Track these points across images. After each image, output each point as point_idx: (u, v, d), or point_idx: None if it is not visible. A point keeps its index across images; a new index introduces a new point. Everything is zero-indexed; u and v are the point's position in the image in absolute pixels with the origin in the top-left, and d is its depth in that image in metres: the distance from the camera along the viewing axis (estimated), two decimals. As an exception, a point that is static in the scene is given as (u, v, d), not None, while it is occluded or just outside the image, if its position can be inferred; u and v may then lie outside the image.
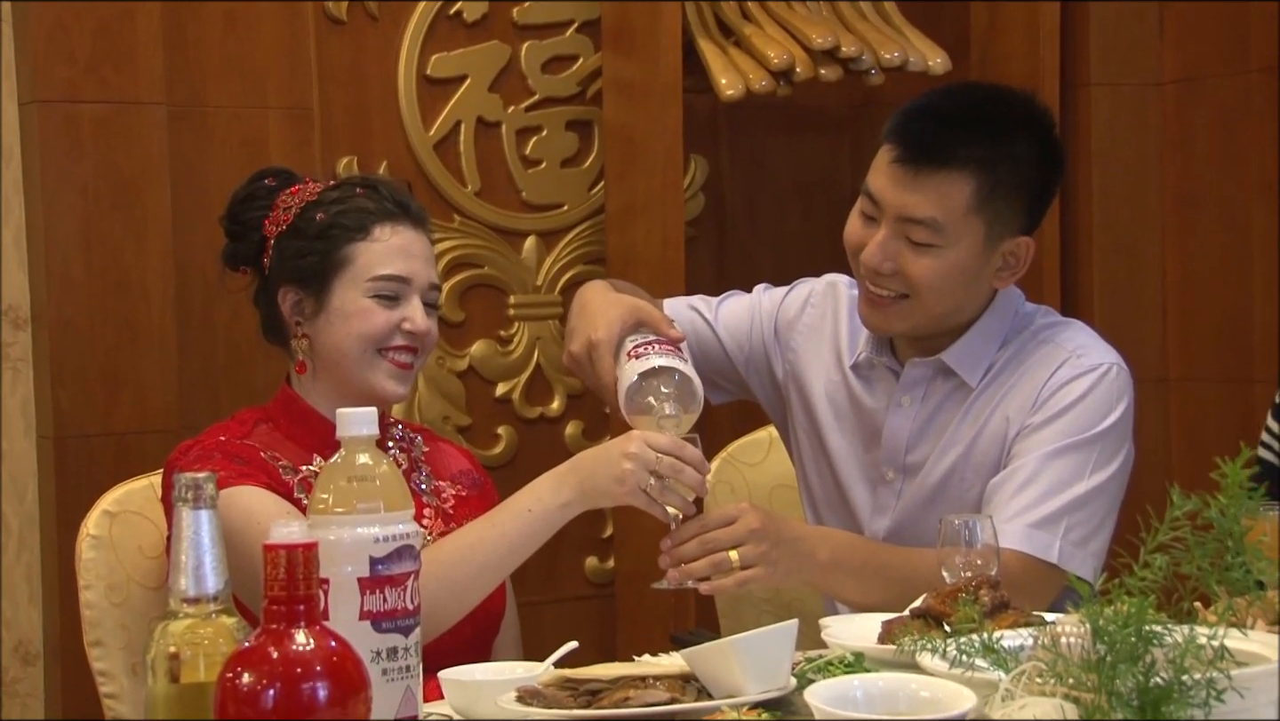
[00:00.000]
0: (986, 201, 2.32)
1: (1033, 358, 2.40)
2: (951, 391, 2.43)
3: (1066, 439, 2.33)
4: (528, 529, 2.14)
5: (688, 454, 2.13)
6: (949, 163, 2.30)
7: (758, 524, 2.17)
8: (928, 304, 2.35)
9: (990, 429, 2.39)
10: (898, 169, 2.32)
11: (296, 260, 2.33)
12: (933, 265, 2.32)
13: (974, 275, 2.36)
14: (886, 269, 2.34)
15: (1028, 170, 2.36)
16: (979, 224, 2.32)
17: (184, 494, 1.50)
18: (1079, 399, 2.35)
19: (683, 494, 2.13)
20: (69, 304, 2.97)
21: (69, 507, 2.84)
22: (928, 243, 2.31)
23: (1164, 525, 1.51)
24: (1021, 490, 2.31)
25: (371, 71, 3.32)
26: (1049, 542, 2.28)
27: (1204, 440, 3.50)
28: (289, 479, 2.26)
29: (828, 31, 3.36)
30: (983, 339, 2.41)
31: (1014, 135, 2.36)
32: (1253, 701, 1.43)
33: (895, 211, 2.32)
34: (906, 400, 2.45)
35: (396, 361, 2.32)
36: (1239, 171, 3.47)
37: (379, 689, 1.52)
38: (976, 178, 2.31)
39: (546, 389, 3.49)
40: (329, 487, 1.64)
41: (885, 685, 1.57)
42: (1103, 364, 2.38)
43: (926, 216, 2.30)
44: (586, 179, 3.52)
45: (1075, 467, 2.32)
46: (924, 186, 2.30)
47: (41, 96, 2.95)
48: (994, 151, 2.32)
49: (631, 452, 2.11)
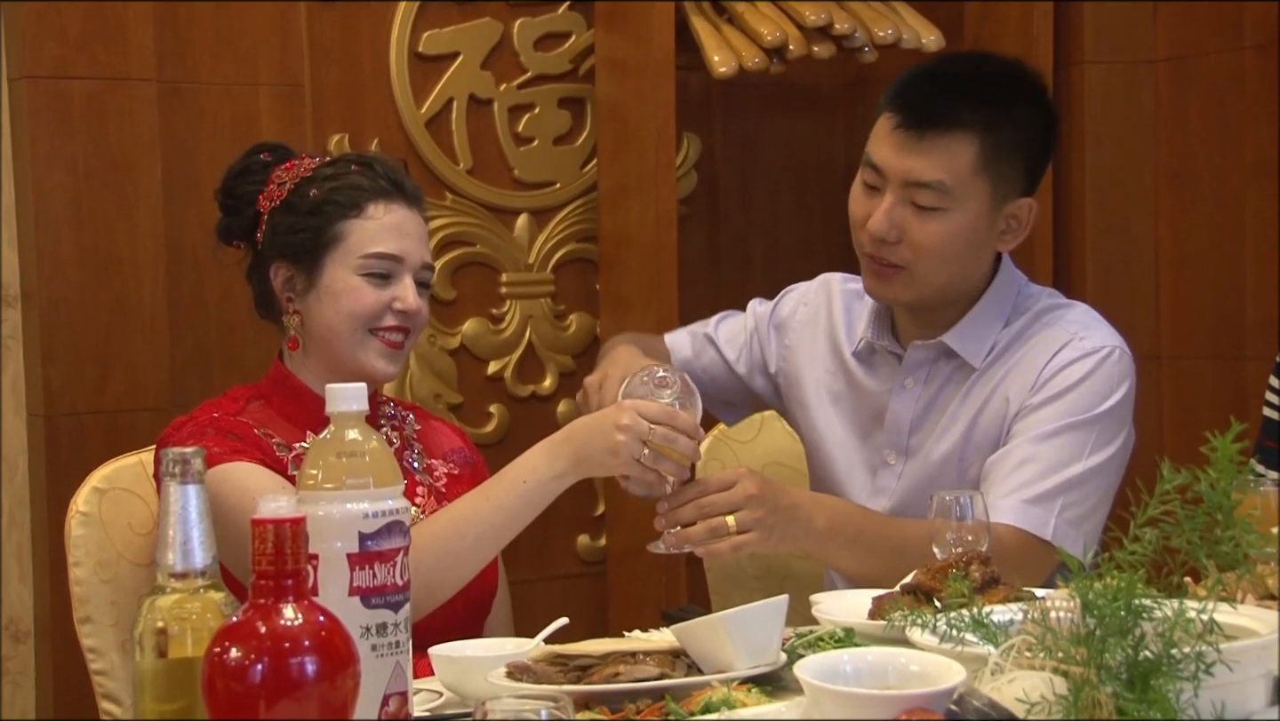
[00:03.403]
0: (990, 162, 2.33)
1: (1035, 339, 2.40)
2: (953, 372, 2.43)
3: (1066, 419, 2.33)
4: (522, 500, 2.14)
5: (680, 422, 2.13)
6: (953, 125, 2.31)
7: (755, 489, 2.17)
8: (932, 271, 2.36)
9: (991, 409, 2.40)
10: (901, 134, 2.33)
11: (289, 236, 2.32)
12: (939, 229, 2.33)
13: (980, 239, 2.37)
14: (893, 236, 2.34)
15: (1028, 131, 2.37)
16: (984, 185, 2.34)
17: (171, 469, 1.49)
18: (1080, 380, 2.35)
19: (677, 461, 2.13)
20: (59, 281, 2.96)
21: (59, 485, 2.83)
22: (934, 206, 2.32)
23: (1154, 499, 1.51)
24: (1019, 467, 2.31)
25: (363, 48, 3.31)
26: (1044, 520, 2.28)
27: (1196, 417, 3.50)
28: (283, 455, 2.26)
29: (821, 9, 3.36)
30: (985, 319, 2.42)
31: (1013, 98, 2.38)
32: (1242, 675, 1.43)
33: (901, 177, 2.33)
34: (909, 382, 2.45)
35: (387, 341, 2.31)
36: (1232, 149, 3.47)
37: (368, 664, 1.52)
38: (980, 139, 2.32)
39: (538, 367, 3.49)
40: (318, 463, 1.64)
41: (875, 659, 1.57)
42: (1105, 346, 2.38)
43: (933, 179, 2.31)
44: (579, 157, 3.51)
45: (1073, 448, 2.33)
46: (929, 150, 2.31)
47: (31, 73, 2.94)
48: (996, 113, 2.34)
49: (624, 424, 2.10)
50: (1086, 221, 3.58)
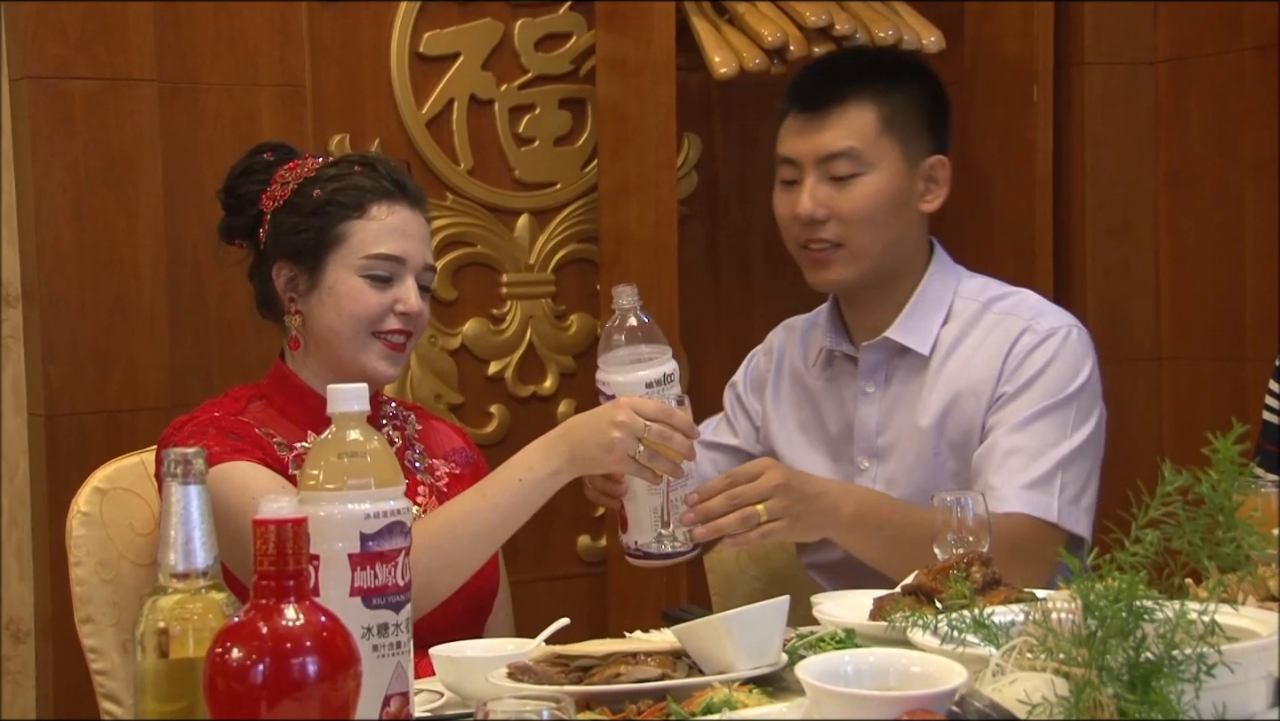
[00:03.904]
0: (891, 123, 2.48)
1: (989, 327, 2.48)
2: (909, 368, 2.51)
3: (1042, 402, 2.40)
4: (518, 498, 2.14)
5: (676, 419, 2.13)
6: (847, 97, 2.48)
7: (781, 478, 2.21)
8: (867, 239, 2.47)
9: (959, 403, 2.45)
10: (802, 119, 2.51)
11: (291, 236, 2.32)
12: (862, 193, 2.47)
13: (902, 199, 2.49)
14: (821, 214, 2.48)
15: (920, 97, 2.53)
16: (892, 144, 2.49)
17: (173, 469, 1.50)
18: (1047, 364, 2.41)
19: (672, 459, 2.13)
20: (60, 281, 2.96)
21: (60, 485, 2.83)
22: (851, 173, 2.47)
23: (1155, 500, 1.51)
24: (1008, 457, 2.36)
25: (364, 48, 3.31)
26: (1047, 503, 2.34)
27: (1196, 418, 3.50)
28: (284, 455, 2.26)
29: (821, 9, 3.35)
30: (926, 308, 2.51)
31: (897, 69, 2.56)
32: (1243, 676, 1.43)
33: (814, 155, 2.49)
34: (870, 386, 2.53)
35: (389, 343, 2.32)
36: (1232, 150, 3.47)
37: (369, 664, 1.52)
38: (876, 104, 2.48)
39: (539, 367, 3.49)
40: (319, 463, 1.64)
41: (876, 660, 1.57)
42: (1062, 326, 2.45)
43: (844, 147, 2.47)
44: (579, 157, 3.51)
45: (1057, 429, 2.39)
46: (832, 123, 2.48)
47: (32, 73, 2.94)
48: (884, 82, 2.51)
49: (620, 421, 2.10)
50: (1086, 221, 3.58)
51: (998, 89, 3.58)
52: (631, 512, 2.19)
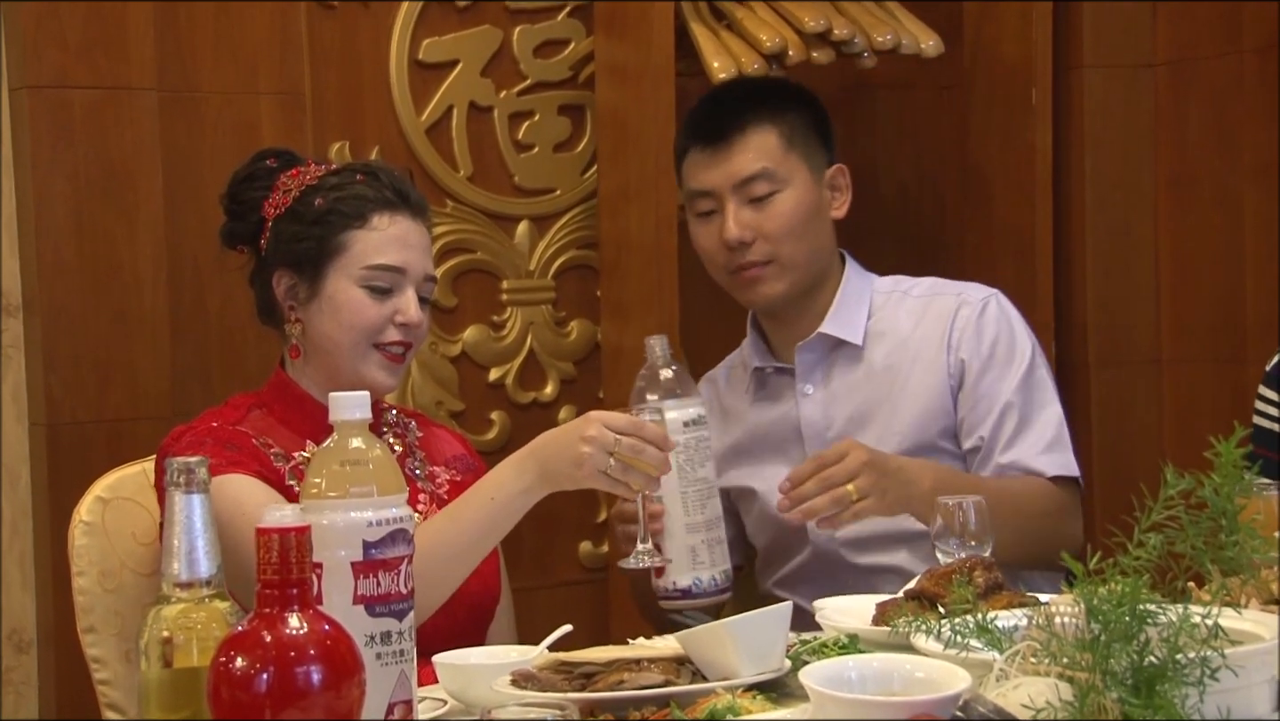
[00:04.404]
0: (792, 142, 2.65)
1: (916, 312, 2.65)
2: (844, 361, 2.65)
3: (1016, 370, 2.56)
4: (490, 517, 2.10)
5: (648, 432, 2.09)
6: (747, 124, 2.63)
7: (866, 456, 2.30)
8: (793, 251, 2.62)
9: (903, 383, 2.60)
10: (710, 151, 2.64)
11: (293, 244, 2.32)
12: (782, 210, 2.62)
13: (816, 209, 2.65)
14: (748, 236, 2.61)
15: (807, 114, 2.70)
16: (798, 160, 2.65)
17: (176, 478, 1.50)
18: (997, 332, 2.60)
19: (646, 472, 2.09)
20: (60, 290, 2.96)
21: (61, 495, 2.83)
22: (769, 192, 2.62)
23: (1158, 504, 1.51)
24: (1017, 431, 2.53)
25: (363, 56, 3.30)
26: (1065, 460, 2.54)
27: (1197, 421, 3.50)
28: (280, 466, 2.26)
29: (820, 14, 3.35)
30: (851, 304, 2.67)
31: (783, 96, 2.72)
32: (1247, 679, 1.43)
33: (729, 181, 2.62)
34: (809, 387, 2.66)
35: (389, 354, 2.32)
36: (1232, 152, 3.47)
37: (373, 673, 1.52)
38: (775, 127, 2.65)
39: (539, 374, 3.49)
40: (321, 472, 1.64)
41: (880, 665, 1.57)
42: (989, 294, 2.65)
43: (757, 168, 2.62)
44: (579, 163, 3.51)
45: (1040, 390, 2.58)
46: (741, 149, 2.63)
47: (32, 82, 2.94)
48: (776, 108, 2.66)
49: (590, 436, 2.06)
50: (1086, 225, 3.58)
51: (997, 92, 3.58)
52: (669, 552, 2.26)
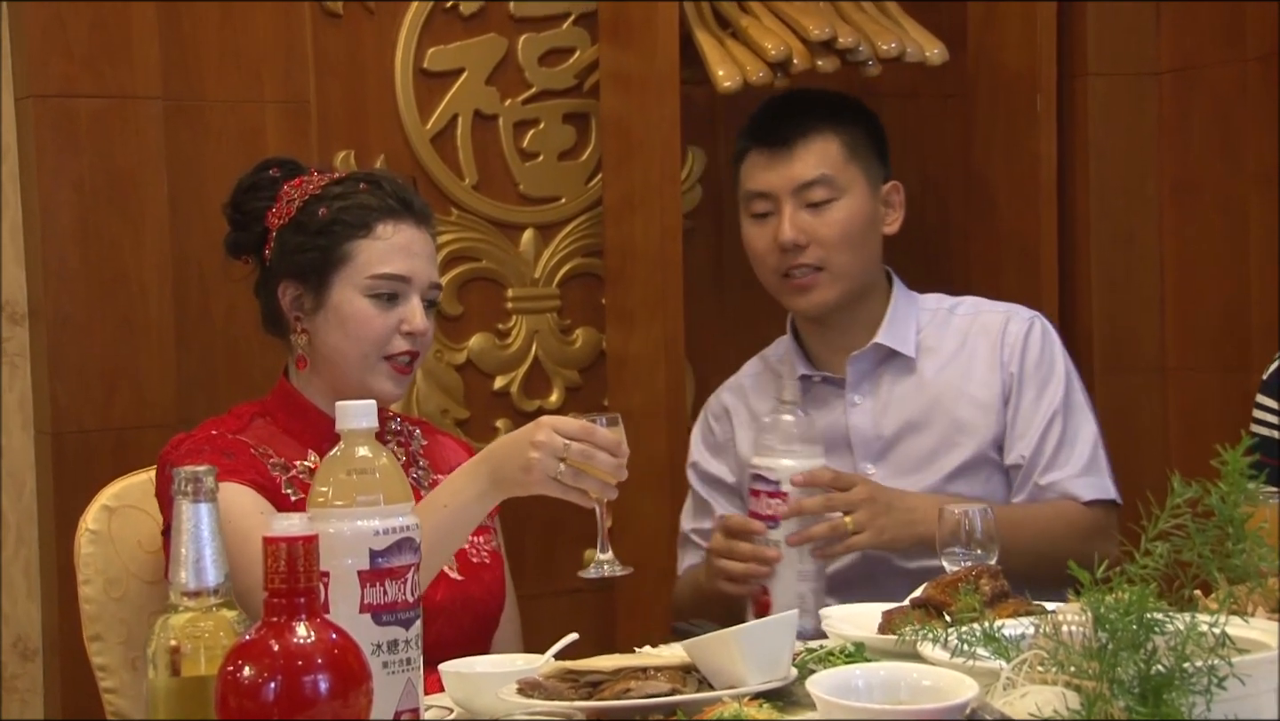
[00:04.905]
0: (854, 154, 2.68)
1: (962, 329, 2.69)
2: (895, 372, 2.68)
3: (1058, 392, 2.61)
4: (444, 524, 2.04)
5: (598, 438, 2.02)
6: (810, 130, 2.67)
7: (869, 491, 2.41)
8: (845, 260, 2.65)
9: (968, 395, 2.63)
10: (771, 154, 2.67)
11: (297, 255, 2.32)
12: (839, 217, 2.65)
13: (870, 222, 2.69)
14: (803, 240, 2.64)
15: (866, 129, 2.73)
16: (858, 171, 2.68)
17: (183, 487, 1.50)
18: (1042, 351, 2.64)
19: (600, 479, 2.02)
20: (66, 299, 2.96)
21: (67, 503, 2.83)
22: (827, 199, 2.65)
23: (1165, 512, 1.51)
24: (1055, 451, 2.57)
25: (368, 65, 3.31)
26: (1102, 483, 2.59)
27: (1202, 429, 3.50)
28: (278, 475, 2.25)
29: (825, 23, 3.36)
30: (901, 318, 2.69)
31: (843, 107, 2.76)
32: (1254, 688, 1.43)
33: (789, 186, 2.65)
34: (858, 397, 2.68)
35: (397, 365, 2.32)
36: (1236, 160, 3.47)
37: (380, 681, 1.52)
38: (837, 136, 2.68)
39: (545, 382, 3.49)
40: (328, 480, 1.64)
41: (887, 674, 1.57)
42: (1032, 315, 2.70)
43: (818, 174, 2.65)
44: (584, 171, 3.51)
45: (1078, 411, 2.62)
46: (802, 155, 2.66)
47: (38, 91, 2.94)
48: (838, 118, 2.71)
49: (539, 440, 2.00)
50: (1091, 232, 3.58)
51: (1001, 100, 3.58)
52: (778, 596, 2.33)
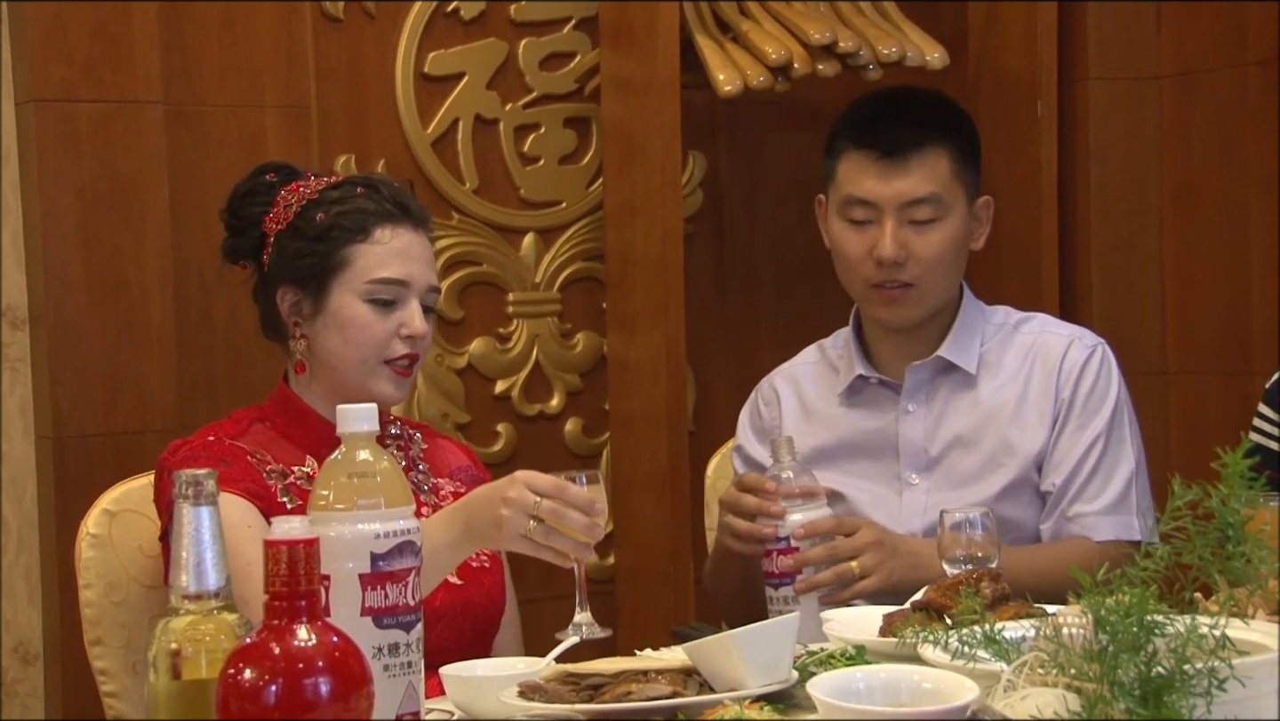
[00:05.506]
0: (961, 168, 2.55)
1: (1025, 347, 2.58)
2: (952, 386, 2.58)
3: (1102, 423, 2.51)
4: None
5: (570, 495, 1.95)
6: (926, 143, 2.51)
7: (876, 536, 2.34)
8: (938, 281, 2.54)
9: (1022, 416, 2.53)
10: (883, 164, 2.52)
11: (295, 261, 2.32)
12: (940, 239, 2.52)
13: (964, 241, 2.57)
14: (902, 257, 2.51)
15: (971, 140, 2.60)
16: (961, 190, 2.55)
17: (184, 490, 1.50)
18: (1096, 380, 2.54)
19: (573, 539, 1.95)
20: (67, 304, 2.97)
21: (68, 508, 2.84)
22: (931, 218, 2.51)
23: (1165, 515, 1.51)
24: (1085, 483, 2.48)
25: (369, 69, 3.31)
26: (1128, 522, 2.48)
27: (1203, 433, 3.50)
28: (273, 483, 2.25)
29: (825, 27, 3.36)
30: (967, 332, 2.59)
31: (952, 112, 2.62)
32: (1254, 690, 1.43)
33: (896, 201, 2.51)
34: (912, 406, 2.59)
35: (397, 369, 2.32)
36: (1237, 165, 3.47)
37: (381, 685, 1.52)
38: (948, 150, 2.53)
39: (545, 386, 3.49)
40: (329, 484, 1.64)
41: (887, 677, 1.57)
42: (1098, 341, 2.58)
43: (928, 193, 2.51)
44: (584, 176, 3.52)
45: (1119, 446, 2.52)
46: (914, 169, 2.51)
47: (39, 96, 2.95)
48: (949, 129, 2.56)
49: (509, 497, 1.94)
50: (1092, 237, 3.58)
51: (1002, 105, 3.58)
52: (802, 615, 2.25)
